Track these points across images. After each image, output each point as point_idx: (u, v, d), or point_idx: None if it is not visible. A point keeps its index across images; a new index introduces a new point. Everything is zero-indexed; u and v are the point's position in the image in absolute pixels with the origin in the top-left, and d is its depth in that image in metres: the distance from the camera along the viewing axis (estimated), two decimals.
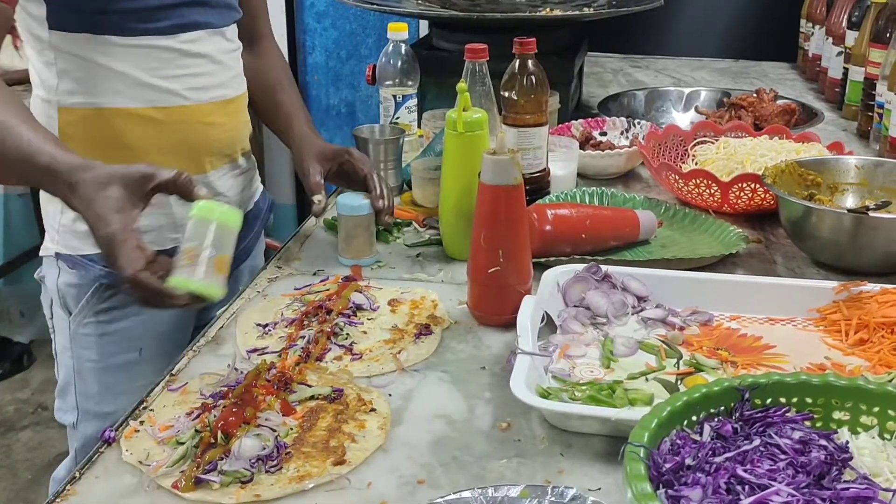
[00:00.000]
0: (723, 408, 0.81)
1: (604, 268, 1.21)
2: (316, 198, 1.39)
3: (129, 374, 1.34)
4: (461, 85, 1.29)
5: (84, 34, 1.22)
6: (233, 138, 1.39)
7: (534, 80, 1.45)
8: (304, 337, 1.13)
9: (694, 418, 0.80)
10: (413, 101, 1.75)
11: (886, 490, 0.72)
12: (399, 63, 1.72)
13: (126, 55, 1.24)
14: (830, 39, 2.34)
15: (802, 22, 2.71)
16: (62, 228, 1.32)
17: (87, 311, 1.33)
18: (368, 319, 1.19)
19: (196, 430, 0.92)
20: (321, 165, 1.42)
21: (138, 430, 0.95)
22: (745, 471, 0.73)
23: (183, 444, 0.91)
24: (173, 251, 1.24)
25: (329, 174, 1.44)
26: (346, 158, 1.43)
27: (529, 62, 1.44)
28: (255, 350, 1.11)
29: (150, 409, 0.99)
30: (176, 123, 1.30)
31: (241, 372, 1.04)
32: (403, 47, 1.74)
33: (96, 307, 1.33)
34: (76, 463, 1.35)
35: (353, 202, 1.35)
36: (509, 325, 1.11)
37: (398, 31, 1.74)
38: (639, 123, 1.89)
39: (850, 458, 0.77)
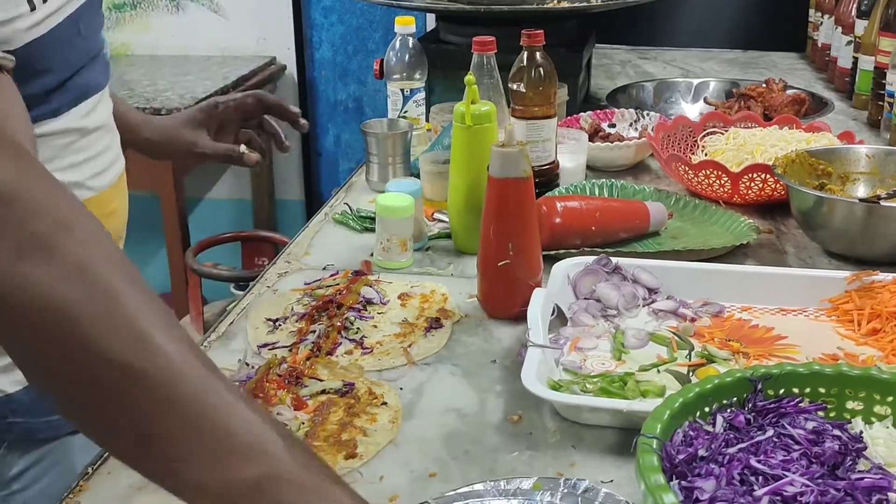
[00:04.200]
0: (735, 399, 0.81)
1: (614, 260, 1.20)
2: (241, 148, 1.26)
3: None
4: (469, 78, 1.28)
5: None
6: (125, 221, 1.14)
7: (542, 73, 1.44)
8: (314, 331, 1.13)
9: (706, 409, 0.79)
10: (421, 95, 1.75)
11: None
12: (406, 57, 1.72)
13: None
14: (840, 28, 2.32)
15: (811, 11, 2.69)
16: None
17: None
18: (379, 313, 1.19)
19: None
20: (202, 130, 1.26)
21: None
22: (759, 461, 0.72)
23: None
24: None
25: (216, 132, 1.28)
26: (222, 106, 1.26)
27: (537, 54, 1.44)
28: (265, 345, 1.11)
29: None
30: None
31: (253, 367, 1.04)
32: (411, 41, 1.73)
33: (5, 475, 1.04)
34: None
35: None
36: (520, 318, 1.11)
37: (405, 25, 1.73)
38: (648, 115, 1.88)
39: (864, 448, 0.76)
